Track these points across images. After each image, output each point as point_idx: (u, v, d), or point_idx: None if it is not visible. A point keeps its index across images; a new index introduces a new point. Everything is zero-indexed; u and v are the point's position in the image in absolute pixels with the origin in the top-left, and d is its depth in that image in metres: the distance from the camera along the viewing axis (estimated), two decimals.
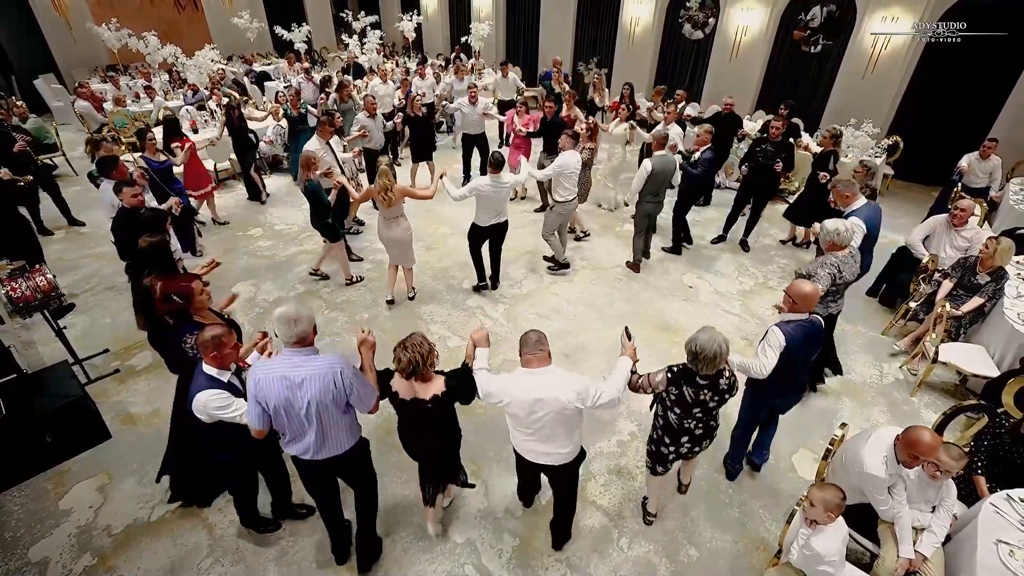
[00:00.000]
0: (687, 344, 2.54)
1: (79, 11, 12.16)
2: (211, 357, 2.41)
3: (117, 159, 4.75)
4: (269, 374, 2.27)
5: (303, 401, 2.27)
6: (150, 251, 3.46)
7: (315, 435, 2.39)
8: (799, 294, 2.92)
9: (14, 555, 3.01)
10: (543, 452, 2.64)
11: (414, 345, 2.43)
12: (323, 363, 2.30)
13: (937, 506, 2.68)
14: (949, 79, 7.94)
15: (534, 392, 2.43)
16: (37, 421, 3.39)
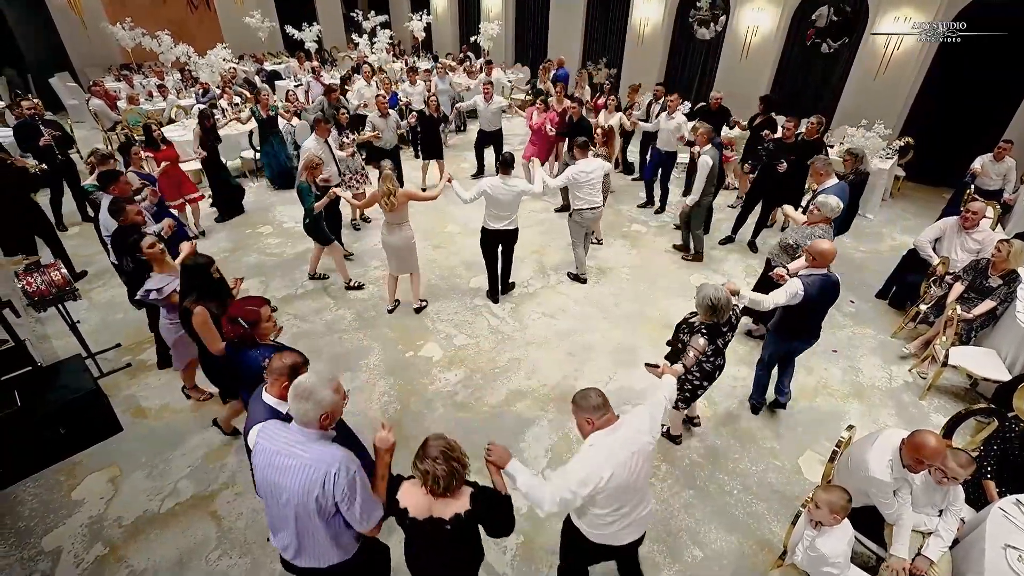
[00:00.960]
0: (702, 302, 2.95)
1: (94, 11, 12.34)
2: (282, 387, 2.14)
3: (120, 173, 4.45)
4: (263, 444, 1.92)
5: (281, 493, 1.86)
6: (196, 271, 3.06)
7: (292, 536, 1.96)
8: (819, 251, 3.34)
9: (28, 544, 3.07)
10: (635, 523, 2.25)
11: (447, 451, 1.85)
12: (317, 456, 1.83)
13: (944, 510, 2.67)
14: (963, 80, 7.85)
15: (627, 448, 2.07)
16: (51, 413, 3.45)
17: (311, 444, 1.86)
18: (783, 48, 9.65)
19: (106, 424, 3.75)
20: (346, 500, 1.84)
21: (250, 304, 2.63)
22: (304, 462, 1.82)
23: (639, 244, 6.60)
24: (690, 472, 3.59)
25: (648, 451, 2.14)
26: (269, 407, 2.17)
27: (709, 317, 3.01)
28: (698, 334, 3.06)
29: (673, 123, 6.71)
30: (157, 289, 3.36)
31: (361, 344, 4.73)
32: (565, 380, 4.36)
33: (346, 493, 1.82)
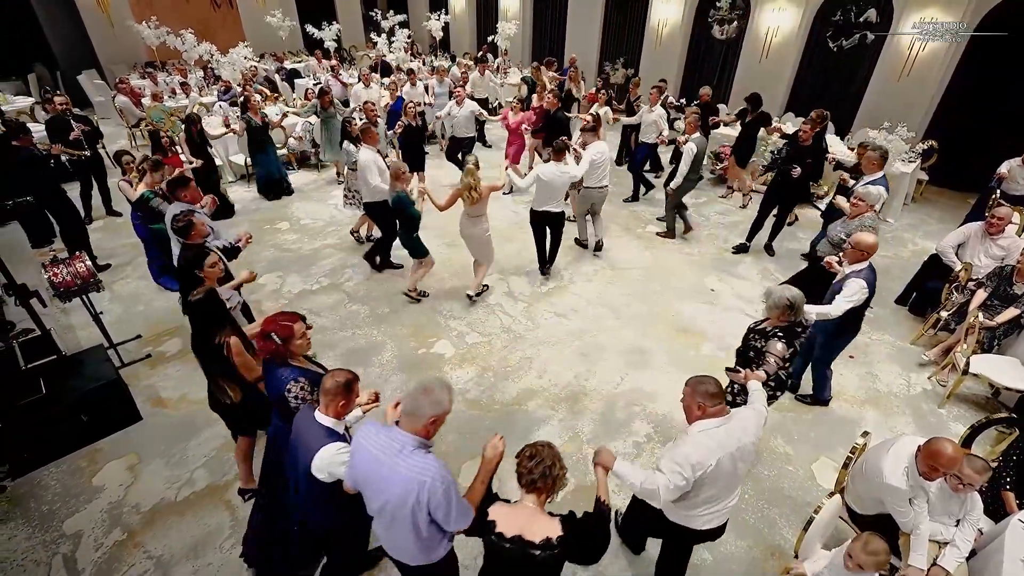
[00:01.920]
0: (778, 303, 2.84)
1: (120, 9, 12.62)
2: (339, 406, 2.16)
3: (190, 180, 4.10)
4: (366, 442, 1.98)
5: (379, 496, 1.96)
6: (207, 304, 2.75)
7: (385, 531, 2.07)
8: (865, 244, 3.43)
9: (50, 527, 3.16)
10: (720, 513, 2.32)
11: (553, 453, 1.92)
12: (416, 467, 1.87)
13: (962, 520, 2.61)
14: (990, 82, 7.66)
15: (734, 441, 2.15)
16: (74, 401, 3.55)
17: (411, 454, 1.89)
18: (804, 49, 9.51)
19: (126, 413, 3.84)
20: (440, 510, 1.88)
21: (283, 319, 2.46)
22: (403, 474, 1.86)
23: (652, 245, 6.56)
24: None
25: (750, 451, 2.21)
26: (327, 428, 2.15)
27: (787, 317, 2.86)
28: (774, 339, 2.89)
29: (652, 116, 7.07)
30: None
31: (375, 340, 4.78)
32: (576, 380, 4.35)
33: (440, 503, 1.86)
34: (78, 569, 2.95)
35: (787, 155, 5.78)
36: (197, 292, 2.70)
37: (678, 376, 4.40)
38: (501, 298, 5.43)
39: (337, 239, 6.53)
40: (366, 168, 5.12)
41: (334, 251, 6.27)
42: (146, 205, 4.63)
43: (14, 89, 11.22)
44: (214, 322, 2.69)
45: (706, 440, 2.13)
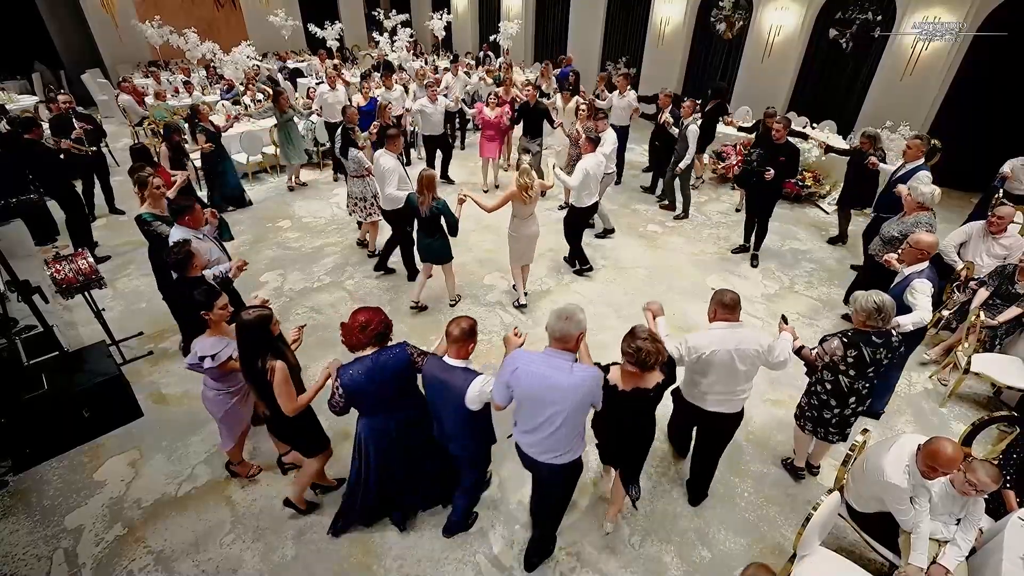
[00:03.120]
0: (865, 305, 2.78)
1: (125, 9, 12.68)
2: (468, 349, 2.54)
3: (195, 204, 3.78)
4: (528, 366, 2.33)
5: (548, 407, 2.33)
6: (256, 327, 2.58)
7: (545, 438, 2.43)
8: (925, 244, 3.44)
9: (51, 522, 3.18)
10: (726, 401, 2.90)
11: (654, 336, 2.41)
12: (586, 379, 2.31)
13: (962, 519, 2.61)
14: (994, 82, 7.64)
15: (735, 341, 2.72)
16: (76, 397, 3.57)
17: (575, 368, 2.32)
18: (806, 48, 9.49)
19: (128, 409, 3.86)
20: (598, 398, 2.43)
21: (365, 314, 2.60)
22: (577, 383, 2.30)
23: (655, 244, 6.56)
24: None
25: (751, 354, 2.74)
26: (462, 368, 2.51)
27: (873, 321, 2.78)
28: (835, 337, 2.89)
29: (625, 100, 7.50)
30: (212, 355, 2.85)
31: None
32: None
33: (600, 394, 2.42)
34: (79, 564, 2.96)
35: (761, 158, 5.61)
36: (249, 314, 2.54)
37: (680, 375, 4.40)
38: (501, 296, 5.43)
39: (339, 237, 6.54)
40: (388, 175, 4.91)
41: (336, 249, 6.29)
42: (145, 227, 4.10)
43: (18, 88, 11.28)
44: (261, 346, 2.59)
45: (709, 334, 2.76)
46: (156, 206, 4.16)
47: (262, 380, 2.59)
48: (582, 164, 5.08)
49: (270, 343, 2.62)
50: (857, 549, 3.03)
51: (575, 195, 5.32)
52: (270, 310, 2.66)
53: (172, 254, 3.23)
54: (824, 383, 3.05)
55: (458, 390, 2.47)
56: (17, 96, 10.38)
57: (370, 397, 2.60)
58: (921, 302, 3.28)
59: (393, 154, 4.97)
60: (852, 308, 2.89)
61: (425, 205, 4.48)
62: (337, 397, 2.55)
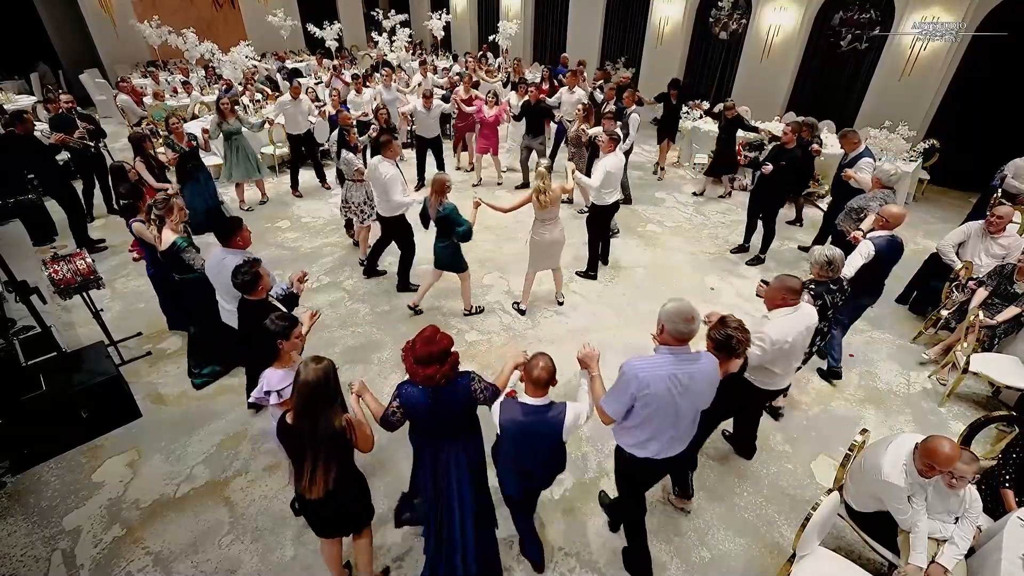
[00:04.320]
0: (817, 258, 3.30)
1: (123, 9, 12.67)
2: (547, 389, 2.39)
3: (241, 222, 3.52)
4: (656, 371, 2.28)
5: (683, 403, 2.31)
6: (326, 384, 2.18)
7: (673, 434, 2.43)
8: (891, 214, 3.89)
9: (50, 523, 3.17)
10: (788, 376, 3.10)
11: (743, 325, 2.54)
12: (709, 363, 2.36)
13: (960, 517, 2.61)
14: (991, 82, 7.65)
15: (803, 322, 2.89)
16: (74, 397, 3.56)
17: (699, 356, 2.35)
18: (805, 48, 9.50)
19: (126, 409, 3.85)
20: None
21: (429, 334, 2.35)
22: (704, 369, 2.34)
23: (654, 244, 6.56)
24: (700, 473, 3.56)
25: (813, 329, 2.99)
26: (547, 403, 2.39)
27: (825, 272, 3.32)
28: (805, 291, 3.18)
29: (575, 97, 7.62)
30: (279, 391, 2.57)
31: (374, 338, 4.79)
32: (576, 378, 4.33)
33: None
34: (77, 565, 2.96)
35: (770, 154, 5.68)
36: (314, 368, 2.13)
37: None
38: (501, 296, 5.43)
39: (338, 237, 6.53)
40: (392, 183, 4.73)
41: (334, 249, 6.28)
42: (178, 256, 3.67)
43: (16, 88, 11.26)
44: (330, 403, 2.16)
45: (785, 323, 2.86)
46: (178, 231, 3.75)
47: (343, 444, 2.22)
48: (603, 163, 5.10)
49: (335, 396, 2.19)
50: (856, 549, 3.04)
51: (595, 195, 5.32)
52: (329, 360, 2.21)
53: (240, 275, 2.92)
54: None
55: (551, 427, 2.37)
56: (15, 96, 10.36)
57: (428, 420, 2.40)
58: (852, 259, 3.74)
59: (391, 161, 4.82)
60: (810, 262, 3.42)
61: (433, 208, 4.43)
62: (395, 407, 2.37)
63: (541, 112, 7.35)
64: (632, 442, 2.49)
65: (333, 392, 2.17)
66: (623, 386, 2.32)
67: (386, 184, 4.76)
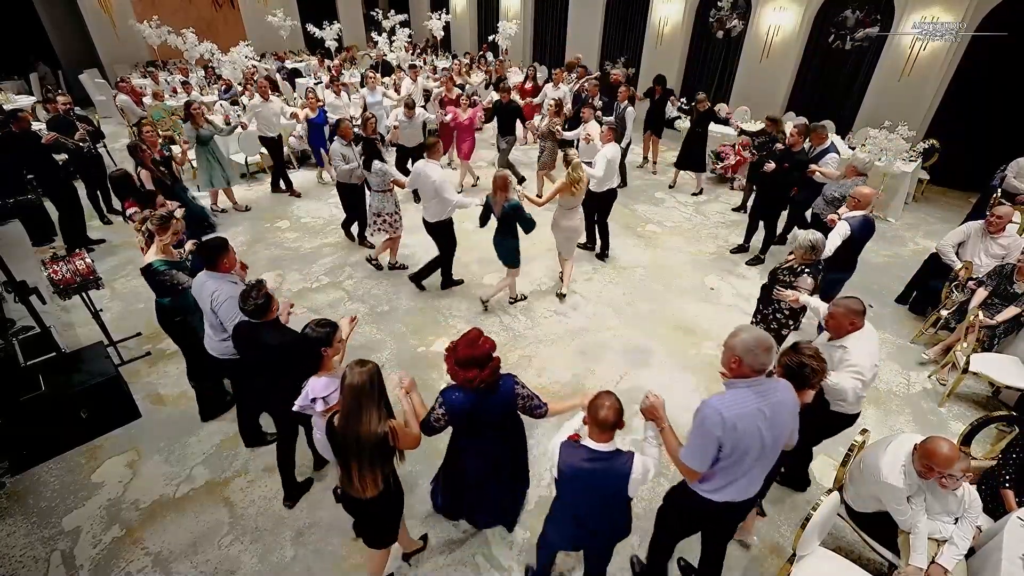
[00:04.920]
0: (803, 243, 3.52)
1: (123, 9, 12.66)
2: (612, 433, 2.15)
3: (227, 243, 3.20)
4: (740, 409, 2.04)
5: (769, 437, 2.09)
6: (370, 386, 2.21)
7: (759, 471, 2.20)
8: (860, 193, 4.27)
9: (49, 523, 3.17)
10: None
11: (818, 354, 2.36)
12: (787, 391, 2.15)
13: (960, 518, 2.60)
14: (991, 82, 7.65)
15: (875, 339, 2.82)
16: (73, 397, 3.55)
17: (776, 385, 2.15)
18: (805, 48, 9.50)
19: (126, 410, 3.85)
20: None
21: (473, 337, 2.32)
22: (784, 399, 2.13)
23: (653, 244, 6.56)
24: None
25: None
26: (615, 449, 2.16)
27: (809, 256, 3.53)
28: (804, 274, 3.50)
29: (558, 93, 7.98)
30: (324, 397, 2.51)
31: (374, 338, 4.78)
32: (576, 379, 4.35)
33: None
34: (76, 565, 2.95)
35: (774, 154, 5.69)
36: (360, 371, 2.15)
37: (679, 375, 4.42)
38: (501, 296, 5.42)
39: (337, 237, 6.53)
40: (444, 184, 4.70)
41: (334, 249, 6.28)
42: (154, 278, 3.40)
43: (16, 88, 11.26)
44: (375, 406, 2.17)
45: (869, 348, 2.75)
46: (167, 251, 3.52)
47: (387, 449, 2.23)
48: (603, 153, 5.29)
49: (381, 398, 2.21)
50: (856, 549, 3.04)
51: (596, 184, 5.43)
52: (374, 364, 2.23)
53: (250, 299, 2.69)
54: (783, 311, 3.82)
55: (616, 479, 2.14)
56: (14, 96, 10.35)
57: (472, 421, 2.42)
58: (831, 239, 4.05)
59: (436, 162, 4.79)
60: (794, 246, 3.61)
61: (498, 205, 4.49)
62: (439, 414, 2.37)
63: (511, 112, 7.50)
64: (712, 487, 2.21)
65: (378, 395, 2.18)
66: (706, 432, 2.06)
67: (438, 186, 4.69)
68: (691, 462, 2.14)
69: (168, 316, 3.57)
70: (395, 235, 5.55)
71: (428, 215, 4.98)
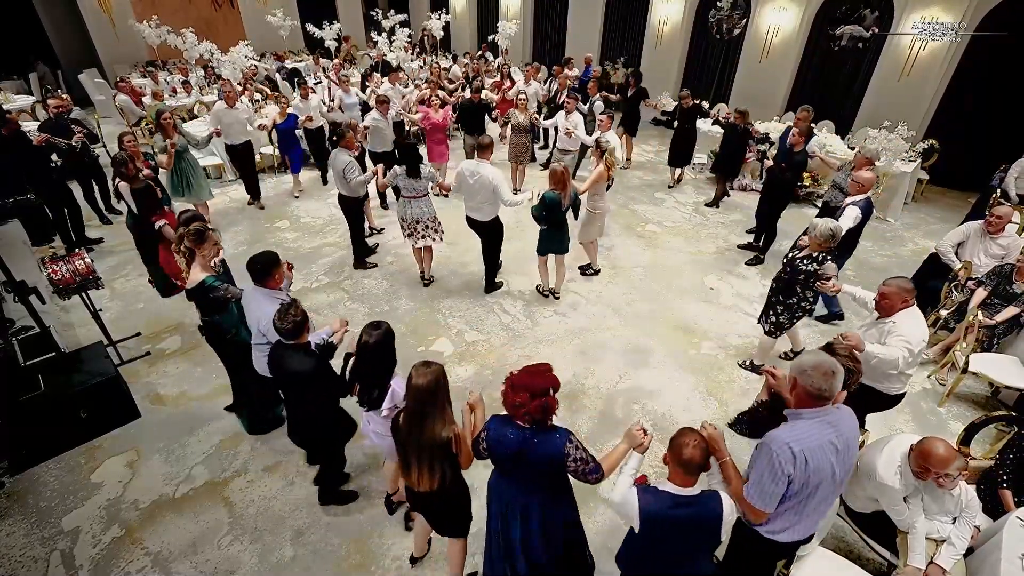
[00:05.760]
0: (823, 232, 3.55)
1: (122, 9, 12.65)
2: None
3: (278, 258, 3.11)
4: (809, 443, 1.89)
5: (840, 470, 1.98)
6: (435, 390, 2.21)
7: (827, 507, 2.13)
8: (863, 179, 4.55)
9: (48, 523, 3.17)
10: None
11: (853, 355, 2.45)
12: (849, 416, 2.03)
13: (958, 517, 2.61)
14: (990, 82, 7.65)
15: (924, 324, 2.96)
16: (73, 398, 3.56)
17: (840, 411, 2.05)
18: (804, 48, 9.50)
19: (125, 410, 3.85)
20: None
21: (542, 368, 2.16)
22: (850, 424, 2.05)
23: (653, 244, 6.56)
24: None
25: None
26: (699, 495, 1.97)
27: (828, 244, 3.61)
28: (828, 261, 3.62)
29: (532, 89, 8.49)
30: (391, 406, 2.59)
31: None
32: (575, 378, 4.35)
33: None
34: (76, 565, 2.95)
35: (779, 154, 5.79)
36: (425, 372, 2.17)
37: (678, 375, 4.42)
38: (500, 296, 5.43)
39: (337, 237, 6.53)
40: (502, 183, 4.72)
41: (334, 249, 6.28)
42: (208, 295, 3.14)
43: (15, 88, 11.24)
44: (438, 408, 2.19)
45: (916, 323, 2.90)
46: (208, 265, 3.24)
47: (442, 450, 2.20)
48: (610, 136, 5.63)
49: (447, 404, 2.21)
50: (856, 549, 3.04)
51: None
52: (439, 365, 2.22)
53: (288, 317, 2.54)
54: (807, 299, 3.90)
55: (709, 521, 1.94)
56: (14, 96, 10.34)
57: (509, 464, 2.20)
58: (842, 222, 4.23)
59: (488, 161, 4.77)
60: (811, 234, 3.66)
61: (567, 198, 4.66)
62: (483, 439, 2.21)
63: (480, 110, 7.65)
64: (779, 527, 2.08)
65: (442, 398, 2.19)
66: (774, 468, 1.91)
67: (497, 186, 4.70)
68: (757, 501, 1.98)
69: (221, 334, 3.31)
70: (439, 240, 5.29)
71: (481, 215, 4.95)
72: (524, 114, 7.28)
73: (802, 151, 5.56)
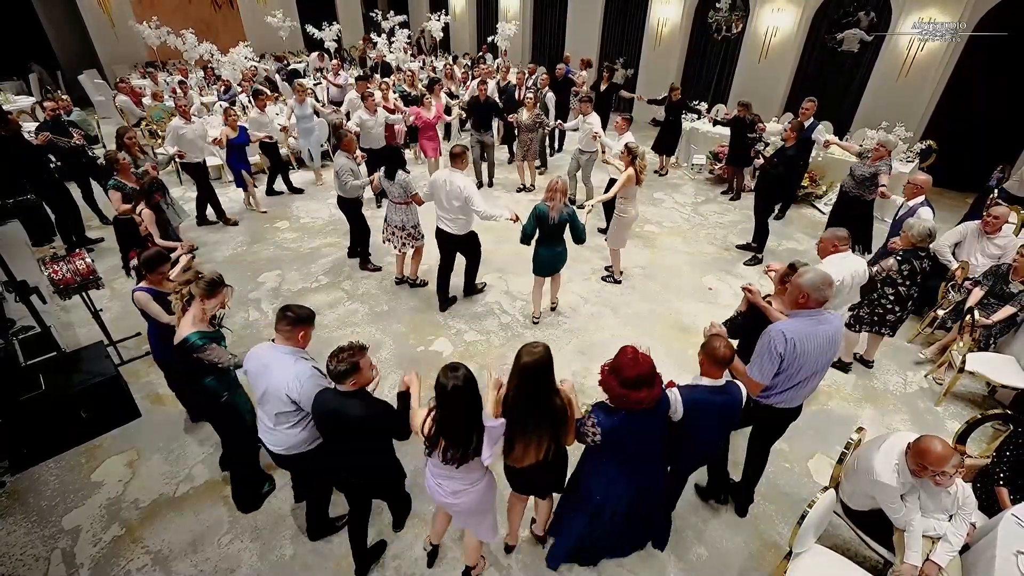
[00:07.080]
0: (919, 229, 3.73)
1: (122, 9, 12.67)
2: None
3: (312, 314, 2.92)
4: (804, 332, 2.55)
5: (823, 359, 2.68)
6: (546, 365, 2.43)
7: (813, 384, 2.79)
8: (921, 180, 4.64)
9: (49, 522, 3.18)
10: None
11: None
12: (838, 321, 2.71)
13: (954, 515, 2.62)
14: (988, 82, 7.68)
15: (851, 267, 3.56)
16: (73, 397, 3.57)
17: (831, 316, 2.67)
18: (803, 49, 9.53)
19: (125, 409, 3.86)
20: None
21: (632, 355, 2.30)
22: (837, 325, 2.69)
23: (652, 244, 6.58)
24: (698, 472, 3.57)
25: (862, 274, 3.62)
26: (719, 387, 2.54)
27: (924, 242, 3.75)
28: (891, 256, 3.83)
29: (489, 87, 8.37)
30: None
31: (373, 338, 4.80)
32: (574, 378, 4.35)
33: None
34: (77, 564, 2.97)
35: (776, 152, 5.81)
36: (535, 351, 2.33)
37: (677, 375, 4.40)
38: (500, 296, 5.44)
39: (336, 238, 6.54)
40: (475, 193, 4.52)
41: (333, 250, 6.29)
42: (190, 355, 2.69)
43: (15, 89, 11.25)
44: (551, 381, 2.38)
45: (840, 264, 3.48)
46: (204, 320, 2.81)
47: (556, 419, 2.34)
48: (623, 141, 5.57)
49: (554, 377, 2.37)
50: (853, 546, 3.05)
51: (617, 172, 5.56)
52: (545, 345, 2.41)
53: (343, 357, 2.31)
54: (887, 296, 3.96)
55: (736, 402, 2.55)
56: (14, 97, 10.35)
57: (632, 447, 2.37)
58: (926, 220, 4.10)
59: (462, 171, 4.58)
60: (907, 232, 3.80)
61: (555, 211, 4.31)
62: (592, 429, 2.31)
63: (489, 108, 7.69)
64: (776, 400, 2.76)
65: (552, 373, 2.39)
66: (770, 349, 2.53)
67: (469, 196, 4.49)
68: (756, 374, 2.63)
69: (213, 398, 2.85)
70: (421, 244, 5.31)
71: (455, 228, 4.71)
72: (530, 113, 7.37)
73: (794, 146, 5.57)
